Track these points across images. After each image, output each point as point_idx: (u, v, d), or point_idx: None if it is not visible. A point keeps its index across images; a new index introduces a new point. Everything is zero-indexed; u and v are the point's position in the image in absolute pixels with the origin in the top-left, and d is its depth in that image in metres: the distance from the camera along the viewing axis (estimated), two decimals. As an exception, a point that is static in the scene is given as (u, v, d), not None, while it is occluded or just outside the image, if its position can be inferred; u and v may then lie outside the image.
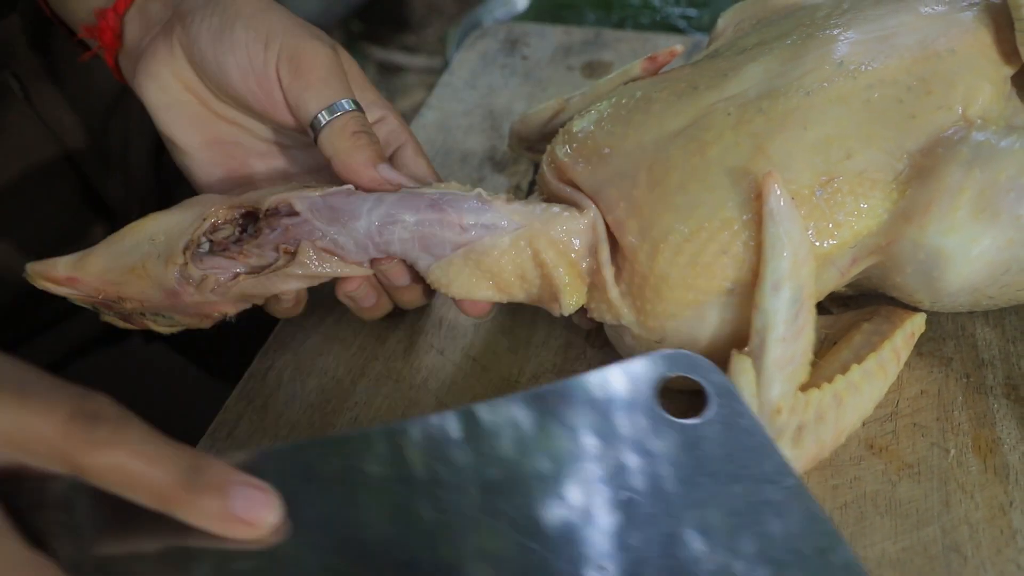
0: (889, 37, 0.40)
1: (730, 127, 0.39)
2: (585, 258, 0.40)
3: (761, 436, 0.31)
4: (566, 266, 0.39)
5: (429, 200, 0.39)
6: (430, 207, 0.39)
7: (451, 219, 0.39)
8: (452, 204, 0.39)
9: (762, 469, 0.30)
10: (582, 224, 0.39)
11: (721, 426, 0.31)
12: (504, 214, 0.39)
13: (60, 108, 0.59)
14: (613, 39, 0.71)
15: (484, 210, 0.39)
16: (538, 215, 0.39)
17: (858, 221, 0.38)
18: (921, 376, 0.43)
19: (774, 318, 0.36)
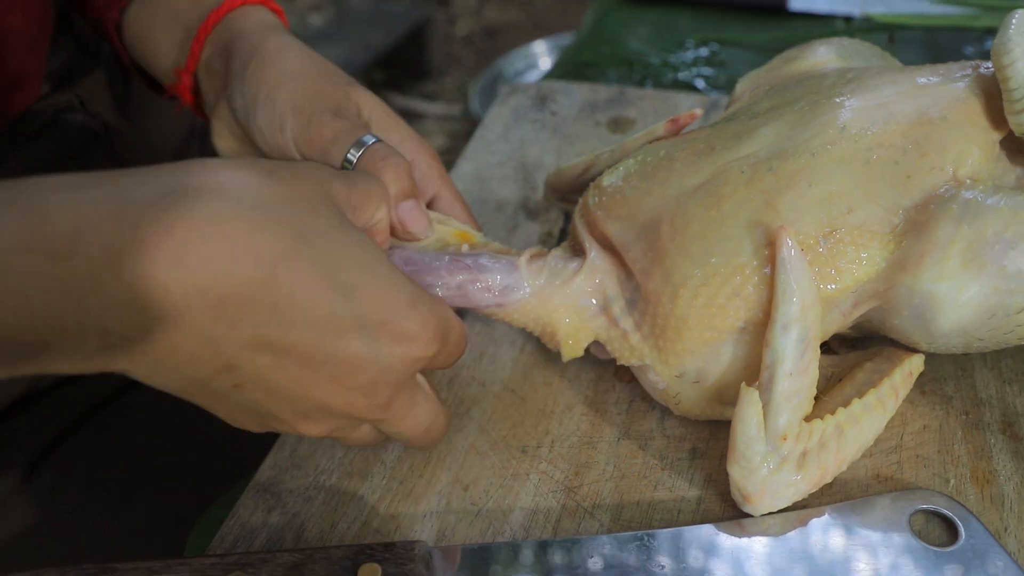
0: (887, 105, 0.45)
1: (743, 184, 0.43)
2: (595, 315, 0.45)
3: (1006, 559, 0.39)
4: (573, 323, 0.45)
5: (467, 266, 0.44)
6: (466, 271, 0.44)
7: (483, 282, 0.44)
8: (478, 266, 0.44)
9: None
10: (589, 286, 0.45)
11: (972, 554, 0.39)
12: (525, 276, 0.44)
13: (136, 152, 0.64)
14: (636, 97, 0.76)
15: (505, 269, 0.44)
16: (552, 280, 0.45)
17: (858, 268, 0.42)
18: (924, 412, 0.47)
19: (783, 355, 0.41)
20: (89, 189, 0.31)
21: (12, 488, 0.55)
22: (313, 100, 0.47)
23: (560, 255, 0.46)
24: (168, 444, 0.60)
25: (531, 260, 0.45)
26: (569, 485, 0.45)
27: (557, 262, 0.46)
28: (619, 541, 0.41)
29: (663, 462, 0.46)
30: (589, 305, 0.45)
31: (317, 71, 0.48)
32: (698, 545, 0.41)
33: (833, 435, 0.42)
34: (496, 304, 0.44)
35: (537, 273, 0.45)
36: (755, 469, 0.40)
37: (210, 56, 0.52)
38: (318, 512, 0.44)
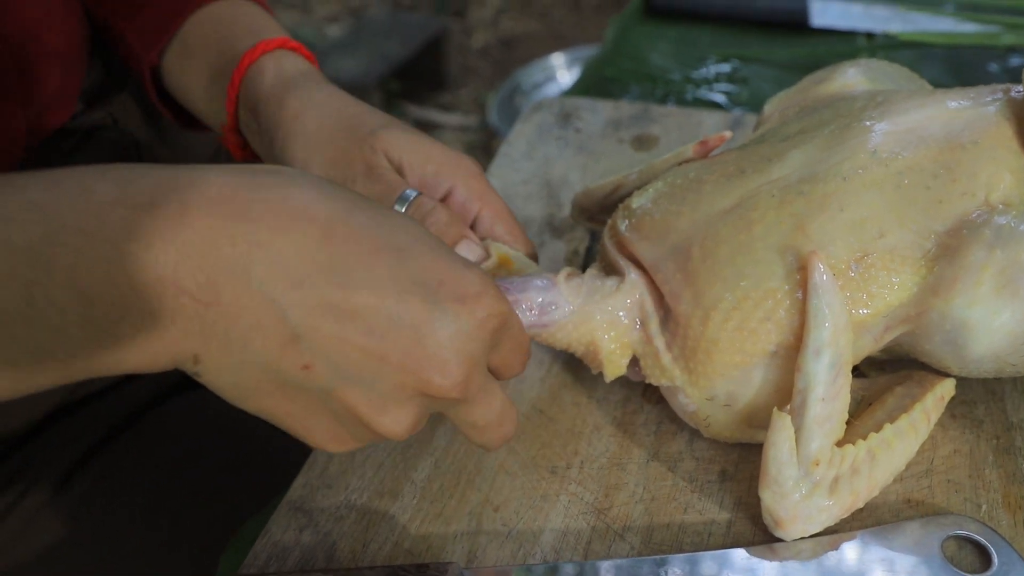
0: (918, 129, 0.45)
1: (774, 207, 0.43)
2: (633, 331, 0.45)
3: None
4: (612, 340, 0.45)
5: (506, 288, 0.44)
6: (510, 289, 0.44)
7: (523, 303, 0.44)
8: (520, 287, 0.44)
9: None
10: (629, 301, 0.45)
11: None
12: (564, 294, 0.44)
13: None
14: (660, 114, 0.77)
15: (546, 289, 0.44)
16: (592, 297, 0.45)
17: (890, 293, 0.42)
18: (954, 436, 0.47)
19: (815, 380, 0.41)
20: (172, 167, 0.34)
21: (43, 502, 0.56)
22: (343, 169, 0.47)
23: (596, 273, 0.46)
24: (199, 459, 0.60)
25: (569, 278, 0.45)
26: (599, 507, 0.45)
27: (595, 280, 0.46)
28: (650, 564, 0.41)
29: (692, 484, 0.46)
30: (629, 321, 0.45)
31: (340, 130, 0.48)
32: (730, 569, 0.41)
33: (865, 460, 0.42)
34: (538, 323, 0.44)
35: (576, 290, 0.45)
36: (787, 494, 0.40)
37: (245, 116, 0.52)
38: (350, 531, 0.45)
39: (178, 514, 0.59)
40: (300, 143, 0.48)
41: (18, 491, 0.55)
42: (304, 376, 0.34)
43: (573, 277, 0.46)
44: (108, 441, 0.59)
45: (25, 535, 0.55)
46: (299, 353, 0.34)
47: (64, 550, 0.55)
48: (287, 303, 0.33)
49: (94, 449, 0.58)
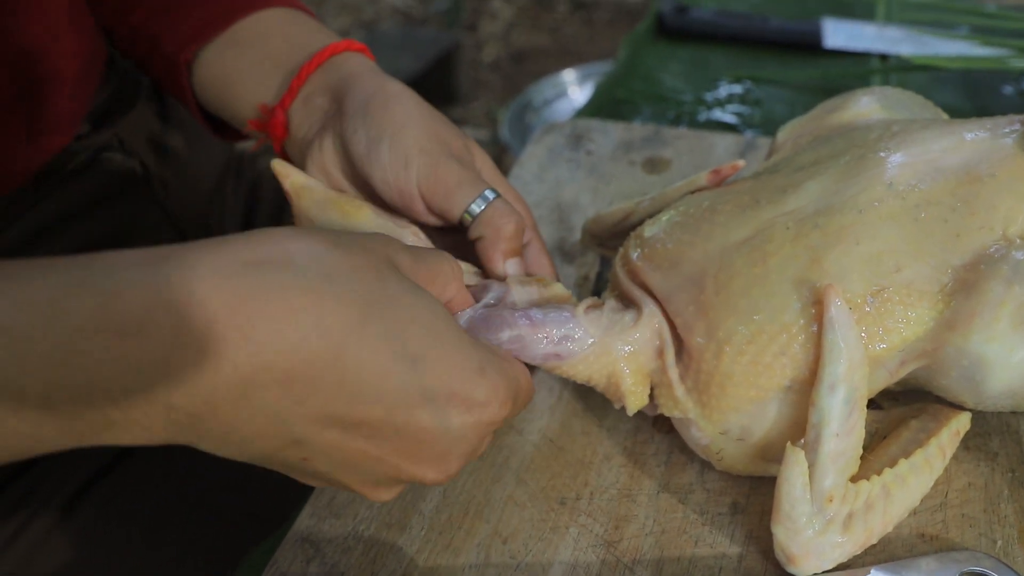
0: (935, 160, 0.44)
1: (789, 240, 0.43)
2: (652, 361, 0.44)
3: None
4: (633, 372, 0.44)
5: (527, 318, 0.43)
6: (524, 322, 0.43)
7: (540, 335, 0.43)
8: (539, 319, 0.43)
9: None
10: (648, 332, 0.44)
11: None
12: (583, 326, 0.44)
13: (174, 190, 0.65)
14: (671, 136, 0.76)
15: (565, 321, 0.44)
16: (612, 329, 0.44)
17: (906, 328, 0.42)
18: (969, 469, 0.46)
19: (829, 415, 0.40)
20: (159, 264, 0.31)
21: (50, 525, 0.55)
22: (438, 144, 0.48)
23: (616, 305, 0.46)
24: (205, 482, 0.60)
25: (588, 311, 0.45)
26: (609, 539, 0.45)
27: (614, 312, 0.45)
28: (661, 600, 0.41)
29: (703, 517, 0.45)
30: (649, 352, 0.44)
31: (437, 118, 0.50)
32: (741, 607, 0.40)
33: (880, 496, 0.41)
34: (554, 354, 0.43)
35: (596, 323, 0.44)
36: (800, 530, 0.40)
37: (311, 92, 0.52)
38: (357, 563, 0.44)
39: (184, 537, 0.58)
40: (401, 110, 0.48)
41: (25, 516, 0.55)
42: (302, 464, 0.36)
43: (592, 310, 0.45)
44: (114, 465, 0.58)
45: (32, 560, 0.54)
46: (299, 450, 0.34)
47: (71, 574, 0.55)
48: (291, 417, 0.33)
49: (99, 473, 0.58)
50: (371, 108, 0.49)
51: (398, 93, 0.50)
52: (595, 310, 0.45)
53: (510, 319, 0.43)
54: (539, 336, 0.43)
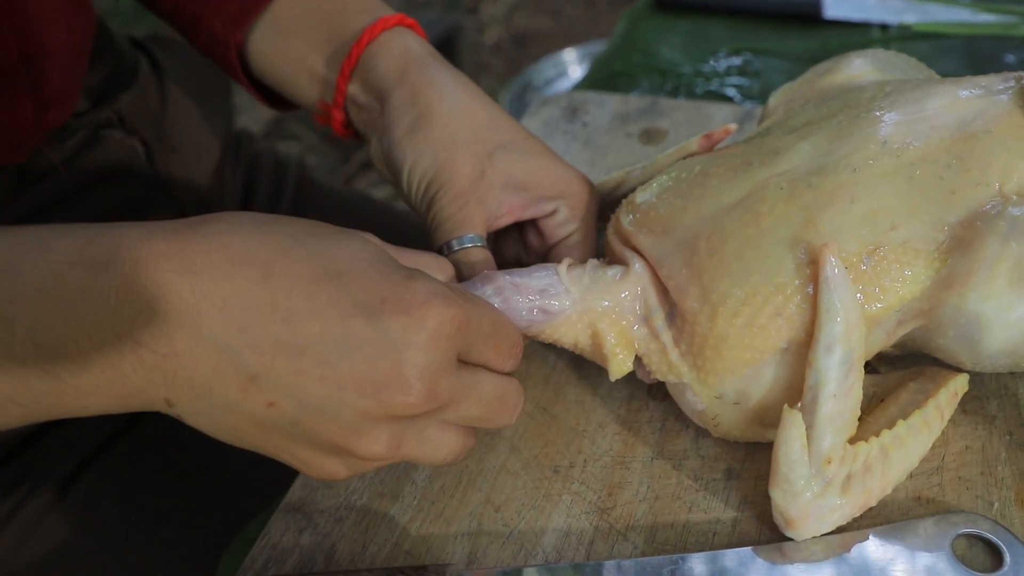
0: (929, 118, 0.44)
1: (782, 200, 0.42)
2: (636, 323, 0.44)
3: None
4: (616, 334, 0.44)
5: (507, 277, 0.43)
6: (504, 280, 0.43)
7: (519, 298, 0.43)
8: (518, 281, 0.43)
9: None
10: (631, 292, 0.44)
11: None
12: (565, 284, 0.43)
13: (174, 168, 0.65)
14: (668, 107, 0.75)
15: (546, 279, 0.43)
16: (593, 287, 0.44)
17: (903, 287, 0.41)
18: (966, 432, 0.46)
19: (826, 376, 0.39)
20: (127, 224, 0.35)
21: (46, 506, 0.55)
22: (443, 179, 0.48)
23: (598, 263, 0.45)
24: (201, 462, 0.60)
25: (570, 268, 0.44)
26: (602, 506, 0.44)
27: (596, 269, 0.44)
28: (654, 565, 0.40)
29: (698, 483, 0.45)
30: (633, 313, 0.44)
31: (463, 136, 0.48)
32: (737, 569, 0.40)
33: (878, 458, 0.41)
34: (540, 312, 0.43)
35: (578, 280, 0.44)
36: (798, 493, 0.39)
37: (357, 92, 0.52)
38: (349, 533, 0.44)
39: (180, 517, 0.58)
40: (422, 136, 0.48)
41: (20, 496, 0.55)
42: (271, 413, 0.35)
43: (575, 267, 0.44)
44: (109, 445, 0.58)
45: (28, 540, 0.54)
46: (260, 392, 0.34)
47: (66, 554, 0.55)
48: (238, 347, 0.34)
49: (96, 453, 0.58)
50: (396, 132, 0.49)
51: (425, 111, 0.49)
52: (577, 267, 0.44)
53: (492, 276, 0.42)
54: (522, 293, 0.42)
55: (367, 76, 0.51)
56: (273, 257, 0.35)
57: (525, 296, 0.42)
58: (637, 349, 0.44)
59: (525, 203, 0.49)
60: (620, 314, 0.44)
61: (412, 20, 0.53)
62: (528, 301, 0.42)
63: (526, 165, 0.49)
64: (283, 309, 0.34)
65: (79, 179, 0.58)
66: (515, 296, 0.42)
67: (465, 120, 0.49)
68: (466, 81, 0.51)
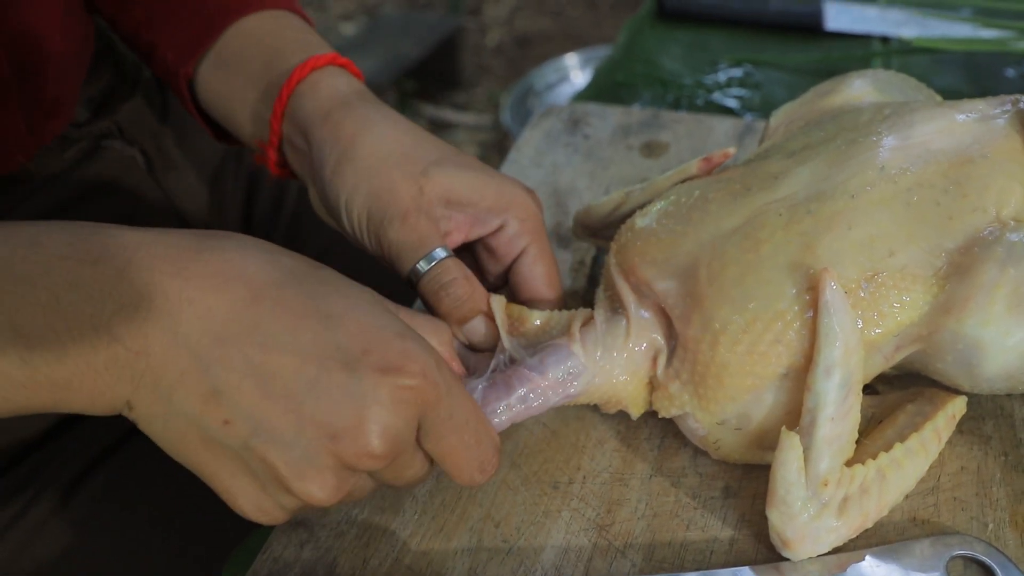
0: (926, 143, 0.44)
1: (781, 227, 0.43)
2: (649, 367, 0.45)
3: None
4: (634, 384, 0.45)
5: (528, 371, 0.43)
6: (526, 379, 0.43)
7: (545, 385, 0.43)
8: (540, 369, 0.43)
9: None
10: (643, 342, 0.45)
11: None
12: (582, 359, 0.44)
13: (175, 178, 0.65)
14: (670, 120, 0.76)
15: (566, 359, 0.44)
16: (608, 351, 0.44)
17: (901, 312, 0.41)
18: (962, 453, 0.46)
19: (825, 399, 0.40)
20: (124, 227, 0.36)
21: (49, 511, 0.56)
22: (384, 204, 0.46)
23: (605, 317, 0.45)
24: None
25: (583, 334, 0.44)
26: (601, 523, 0.45)
27: (605, 327, 0.45)
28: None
29: (696, 500, 0.45)
30: (647, 361, 0.45)
31: (392, 160, 0.47)
32: (733, 590, 0.40)
33: (875, 480, 0.41)
34: (570, 396, 0.44)
35: (593, 349, 0.44)
36: (795, 515, 0.40)
37: (290, 133, 0.52)
38: (350, 547, 0.44)
39: (183, 524, 0.59)
40: (351, 169, 0.47)
41: (24, 501, 0.55)
42: (224, 431, 0.35)
43: (587, 333, 0.45)
44: (114, 451, 0.59)
45: (31, 545, 0.55)
46: (219, 408, 0.35)
47: (69, 560, 0.55)
48: (209, 358, 0.34)
49: (100, 459, 0.58)
50: (326, 171, 0.48)
51: (349, 144, 0.48)
52: (589, 331, 0.45)
53: (519, 374, 0.43)
54: (550, 381, 0.43)
55: (294, 115, 0.51)
56: (268, 283, 0.35)
57: (553, 387, 0.43)
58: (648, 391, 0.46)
59: (470, 219, 0.48)
60: (636, 369, 0.45)
61: (345, 60, 0.53)
62: (557, 388, 0.43)
63: (463, 178, 0.48)
64: (263, 334, 0.35)
65: (78, 190, 0.59)
66: (543, 388, 0.43)
67: (391, 145, 0.48)
68: (392, 113, 0.50)
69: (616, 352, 0.44)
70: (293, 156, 0.53)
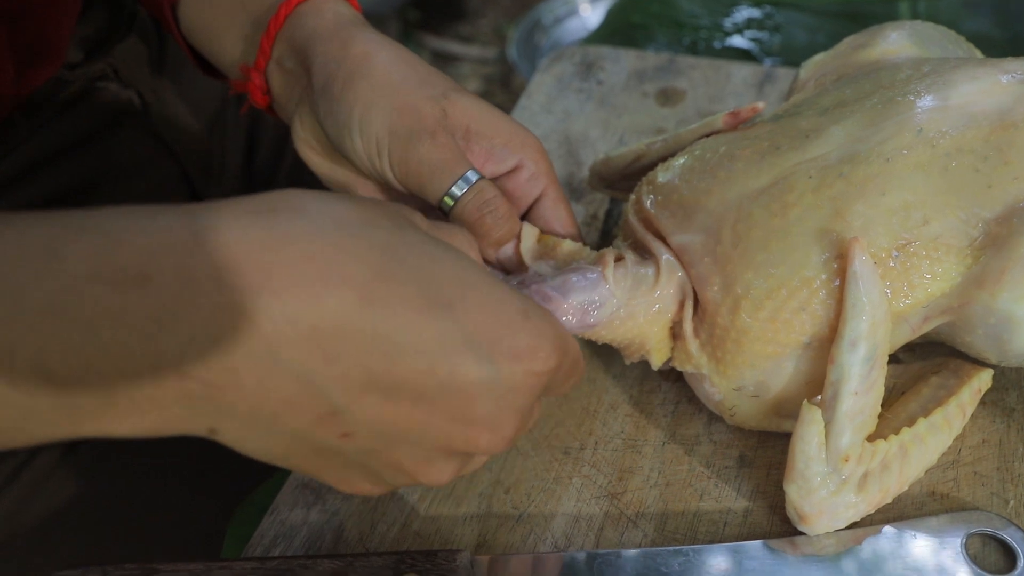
0: (968, 105, 0.42)
1: (811, 190, 0.41)
2: (675, 314, 0.43)
3: None
4: (660, 328, 0.42)
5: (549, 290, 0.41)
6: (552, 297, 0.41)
7: (566, 306, 0.41)
8: (563, 290, 0.41)
9: None
10: (671, 288, 0.42)
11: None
12: (610, 289, 0.42)
13: (172, 122, 0.62)
14: (686, 66, 0.73)
15: (592, 287, 0.41)
16: (637, 290, 0.42)
17: (932, 283, 0.40)
18: (984, 425, 0.45)
19: (849, 372, 0.39)
20: (163, 215, 0.29)
21: (52, 464, 0.55)
22: (410, 121, 0.43)
23: (635, 259, 0.43)
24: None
25: (615, 267, 0.42)
26: (612, 491, 0.44)
27: (636, 267, 0.43)
28: (664, 555, 0.40)
29: (709, 469, 0.44)
30: (673, 306, 0.43)
31: (411, 81, 0.44)
32: (748, 563, 0.40)
33: (897, 456, 0.40)
34: (587, 324, 0.41)
35: (621, 283, 0.42)
36: (814, 490, 0.39)
37: (282, 54, 0.48)
38: (358, 511, 0.44)
39: (189, 476, 0.58)
40: (367, 85, 0.43)
41: (29, 452, 0.54)
42: (343, 443, 0.31)
43: (619, 267, 0.42)
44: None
45: (33, 499, 0.54)
46: (337, 424, 0.31)
47: (73, 512, 0.55)
48: (324, 380, 0.29)
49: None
50: (335, 88, 0.44)
51: (364, 57, 0.44)
52: (620, 267, 0.42)
53: (541, 292, 0.41)
54: (570, 304, 0.41)
55: (293, 35, 0.47)
56: (373, 275, 0.30)
57: (572, 310, 0.41)
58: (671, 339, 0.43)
59: (485, 153, 0.45)
60: (663, 311, 0.42)
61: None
62: (576, 312, 0.41)
63: (481, 109, 0.45)
64: (384, 341, 0.30)
65: (73, 133, 0.56)
66: (563, 310, 0.41)
67: (407, 68, 0.45)
68: (401, 45, 0.47)
69: (645, 287, 0.42)
70: (282, 83, 0.48)
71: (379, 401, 0.30)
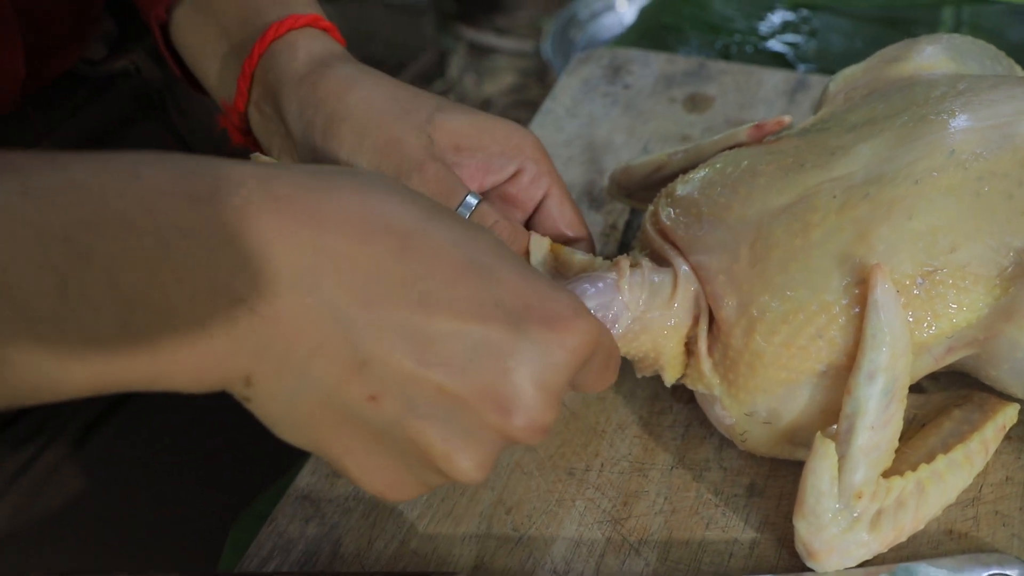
0: (1003, 126, 0.40)
1: (835, 211, 0.39)
2: (690, 328, 0.41)
3: None
4: (675, 343, 0.41)
5: None
6: None
7: None
8: (581, 294, 0.40)
9: None
10: (688, 301, 0.40)
11: None
12: (626, 301, 0.40)
13: (190, 119, 0.62)
14: (717, 71, 0.71)
15: (605, 294, 0.40)
16: (652, 302, 0.40)
17: (957, 314, 0.38)
18: (1007, 462, 0.43)
19: (866, 405, 0.37)
20: (231, 161, 0.30)
21: (62, 457, 0.55)
22: (396, 159, 0.42)
23: (652, 267, 0.41)
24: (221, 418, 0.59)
25: (630, 275, 0.40)
26: (616, 516, 0.42)
27: (652, 276, 0.41)
28: (667, 587, 0.39)
29: (717, 497, 0.43)
30: (689, 321, 0.41)
31: (391, 113, 0.43)
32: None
33: (913, 493, 0.38)
34: None
35: (635, 293, 0.40)
36: (824, 527, 0.37)
37: (260, 97, 0.46)
38: (356, 526, 0.43)
39: (195, 474, 0.58)
40: (347, 127, 0.42)
41: (38, 446, 0.54)
42: (369, 408, 0.30)
43: (634, 275, 0.41)
44: (127, 399, 0.58)
45: (44, 490, 0.54)
46: (365, 382, 0.30)
47: (82, 506, 0.55)
48: (358, 324, 0.29)
49: (114, 405, 0.57)
50: (315, 135, 0.43)
51: (337, 101, 0.43)
52: (636, 275, 0.41)
53: None
54: None
55: (266, 78, 0.46)
56: (416, 228, 0.30)
57: None
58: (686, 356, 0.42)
59: (482, 166, 0.44)
60: (679, 325, 0.41)
61: (328, 24, 0.47)
62: None
63: (469, 122, 0.44)
64: (419, 291, 0.29)
65: (93, 127, 0.56)
66: None
67: (385, 99, 0.43)
68: (377, 71, 0.45)
69: (661, 299, 0.40)
70: (260, 123, 0.47)
71: (407, 357, 0.30)
